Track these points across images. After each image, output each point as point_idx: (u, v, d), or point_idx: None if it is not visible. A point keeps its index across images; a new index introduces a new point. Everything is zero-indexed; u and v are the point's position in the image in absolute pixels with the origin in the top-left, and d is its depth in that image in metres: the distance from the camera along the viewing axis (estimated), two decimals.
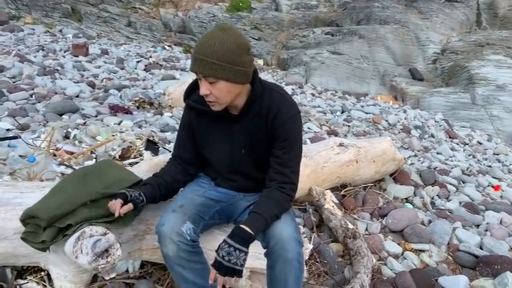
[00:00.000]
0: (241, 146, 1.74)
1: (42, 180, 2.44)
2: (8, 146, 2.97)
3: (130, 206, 1.63)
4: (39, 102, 4.87)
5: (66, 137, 3.63)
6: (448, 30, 11.41)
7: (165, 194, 1.82)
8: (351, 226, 2.58)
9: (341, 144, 3.34)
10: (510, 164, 5.69)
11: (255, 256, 1.81)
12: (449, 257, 2.86)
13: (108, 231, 1.56)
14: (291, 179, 1.68)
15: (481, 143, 6.42)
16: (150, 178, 1.84)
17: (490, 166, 5.50)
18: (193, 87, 1.76)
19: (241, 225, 1.53)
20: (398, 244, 2.88)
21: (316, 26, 13.56)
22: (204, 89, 1.56)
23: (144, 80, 7.22)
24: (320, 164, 3.06)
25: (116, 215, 1.57)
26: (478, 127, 7.91)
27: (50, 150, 3.11)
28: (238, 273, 1.48)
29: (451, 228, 3.08)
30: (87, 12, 14.10)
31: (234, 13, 14.72)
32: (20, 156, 2.83)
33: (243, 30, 13.81)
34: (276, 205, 1.63)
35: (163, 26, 14.69)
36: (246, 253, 1.49)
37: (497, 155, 5.96)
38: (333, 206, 2.80)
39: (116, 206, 1.59)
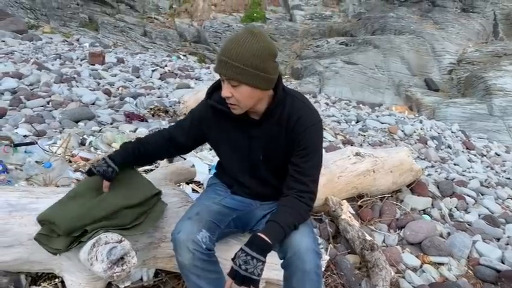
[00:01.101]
0: (259, 151, 1.71)
1: (57, 186, 2.44)
2: (25, 152, 2.99)
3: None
4: (55, 109, 4.92)
5: (82, 143, 3.65)
6: (464, 40, 11.30)
7: (139, 159, 1.84)
8: (368, 237, 2.53)
9: (357, 154, 3.29)
10: None
11: (271, 267, 1.76)
12: (470, 271, 2.78)
13: (123, 239, 1.53)
14: (310, 188, 1.64)
15: (499, 155, 6.29)
16: (129, 142, 1.87)
17: (509, 178, 5.38)
18: (216, 87, 1.75)
19: (259, 234, 1.50)
20: (417, 257, 2.81)
21: (330, 36, 13.55)
22: (226, 91, 1.54)
23: (159, 88, 7.27)
24: (336, 173, 3.01)
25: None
26: (495, 138, 7.77)
27: (66, 157, 3.12)
28: (254, 283, 1.43)
29: (471, 241, 3.00)
30: (104, 22, 14.31)
31: (249, 23, 14.80)
32: (36, 162, 2.84)
33: None
34: (294, 215, 1.59)
35: (179, 35, 14.83)
36: (264, 262, 1.45)
37: None
38: (349, 217, 2.75)
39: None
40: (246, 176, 1.79)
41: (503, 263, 2.86)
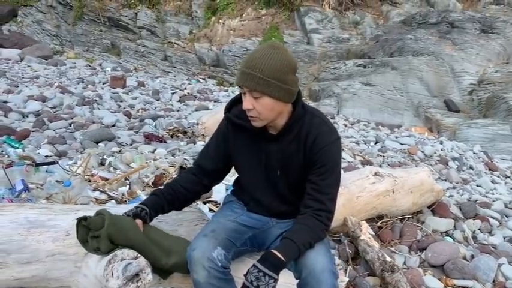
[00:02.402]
0: (276, 167, 1.71)
1: (76, 204, 2.47)
2: (46, 171, 3.05)
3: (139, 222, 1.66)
4: (77, 131, 5.03)
5: (102, 163, 3.70)
6: (484, 61, 11.18)
7: (172, 202, 1.77)
8: (388, 259, 2.47)
9: (377, 174, 3.25)
10: None
11: (287, 286, 1.73)
12: None
13: (139, 255, 1.53)
14: (327, 207, 1.62)
15: None
16: (157, 189, 1.84)
17: None
18: (236, 101, 1.76)
19: (273, 251, 1.48)
20: (439, 279, 2.73)
21: (348, 59, 13.57)
22: (247, 103, 1.55)
23: (178, 110, 7.37)
24: (355, 193, 2.97)
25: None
26: None
27: (85, 176, 3.17)
28: None
29: (496, 264, 2.90)
30: (126, 47, 14.67)
31: None
32: (57, 181, 2.89)
33: None
34: (310, 233, 1.57)
35: (198, 59, 15.08)
36: (276, 280, 1.43)
37: None
38: (369, 238, 2.69)
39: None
40: (263, 192, 1.78)
41: None
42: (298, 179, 1.69)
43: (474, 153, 6.72)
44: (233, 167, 1.88)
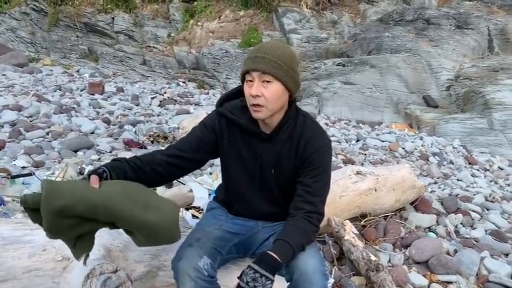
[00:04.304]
0: (270, 166, 1.68)
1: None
2: (22, 183, 2.97)
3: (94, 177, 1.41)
4: (55, 140, 4.92)
5: (81, 173, 3.63)
6: (460, 56, 11.36)
7: (136, 170, 1.57)
8: (373, 258, 2.47)
9: (358, 173, 3.26)
10: None
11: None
12: None
13: (119, 268, 1.49)
14: (318, 209, 1.63)
15: (502, 169, 6.23)
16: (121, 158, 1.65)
17: None
18: (229, 97, 1.74)
19: (269, 252, 1.45)
20: (424, 276, 2.75)
21: (327, 58, 13.64)
22: (256, 89, 1.52)
23: (158, 115, 7.28)
24: (338, 193, 2.97)
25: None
26: (497, 152, 7.71)
27: None
28: None
29: (479, 258, 2.93)
30: (103, 53, 14.48)
31: (246, 48, 14.95)
32: (34, 193, 2.81)
33: None
34: (303, 235, 1.56)
35: (178, 63, 14.97)
36: (272, 281, 1.40)
37: None
38: (353, 237, 2.69)
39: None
40: (253, 192, 1.75)
41: None
42: (289, 180, 1.68)
43: (454, 147, 6.81)
44: (211, 166, 1.84)
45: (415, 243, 2.95)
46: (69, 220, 1.33)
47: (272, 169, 1.70)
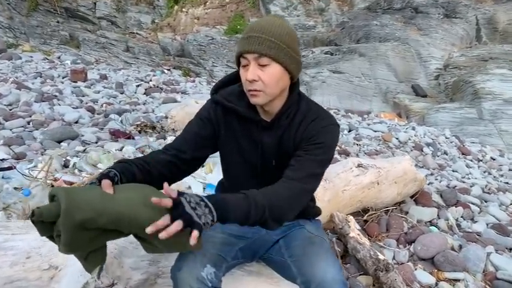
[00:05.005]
0: (272, 157, 1.51)
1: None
2: (2, 177, 2.75)
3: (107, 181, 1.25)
4: (36, 130, 4.67)
5: (65, 165, 3.41)
6: (448, 45, 11.31)
7: (143, 171, 1.43)
8: (381, 257, 2.33)
9: (360, 165, 3.12)
10: None
11: None
12: (487, 286, 2.61)
13: (116, 282, 1.32)
14: (304, 180, 1.37)
15: (494, 159, 6.19)
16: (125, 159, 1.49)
17: (507, 183, 5.26)
18: (225, 83, 1.56)
19: (222, 195, 1.26)
20: (431, 273, 2.64)
21: (315, 46, 13.47)
22: (252, 73, 1.34)
23: (144, 103, 7.04)
24: (340, 187, 2.83)
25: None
26: (487, 142, 7.69)
27: (48, 181, 2.88)
28: (196, 226, 1.13)
29: (485, 254, 2.83)
30: (85, 39, 14.04)
31: (233, 35, 14.69)
32: (15, 188, 2.60)
33: None
34: (270, 196, 1.30)
35: (162, 50, 14.65)
36: (213, 222, 1.17)
37: None
38: (358, 235, 2.56)
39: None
40: (256, 186, 1.57)
41: None
42: None
43: (446, 137, 6.75)
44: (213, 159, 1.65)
45: (420, 239, 2.83)
46: (89, 233, 1.18)
47: (273, 160, 1.52)
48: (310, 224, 1.66)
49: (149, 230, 1.11)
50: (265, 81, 1.35)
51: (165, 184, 1.19)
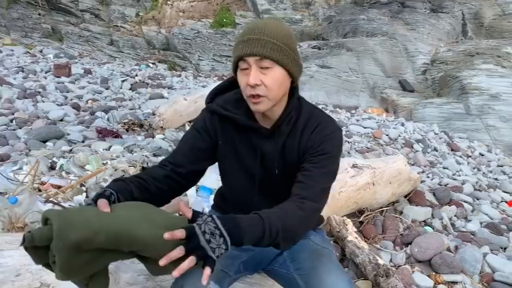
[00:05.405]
0: (274, 166, 1.44)
1: (26, 225, 2.10)
2: None
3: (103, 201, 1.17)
4: (20, 128, 4.52)
5: (52, 167, 3.29)
6: (435, 40, 11.37)
7: (141, 188, 1.35)
8: (381, 262, 2.29)
9: (355, 166, 3.08)
10: None
11: None
12: None
13: None
14: (315, 197, 1.32)
15: (483, 155, 6.23)
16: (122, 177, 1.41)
17: (496, 179, 5.30)
18: (220, 90, 1.48)
19: (237, 217, 1.15)
20: (429, 276, 2.61)
21: (302, 40, 13.43)
22: (254, 77, 1.26)
23: (130, 99, 6.88)
24: (337, 189, 2.78)
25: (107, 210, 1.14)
26: (475, 138, 7.76)
27: (34, 185, 2.76)
28: (210, 262, 1.07)
29: (481, 255, 2.82)
30: (68, 32, 13.76)
31: (219, 29, 14.54)
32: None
33: (229, 46, 13.61)
34: (284, 219, 1.22)
35: (147, 43, 14.44)
36: (227, 250, 1.11)
37: (501, 166, 5.77)
38: (356, 238, 2.51)
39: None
40: (258, 197, 1.49)
41: None
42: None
43: (435, 133, 6.77)
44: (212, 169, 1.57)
45: (417, 241, 2.80)
46: (87, 255, 1.07)
47: (276, 169, 1.45)
48: (315, 234, 1.59)
49: (162, 263, 1.03)
50: (268, 85, 1.28)
51: (181, 203, 1.12)
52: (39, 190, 2.73)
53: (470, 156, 5.96)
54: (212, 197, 2.47)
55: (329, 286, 1.30)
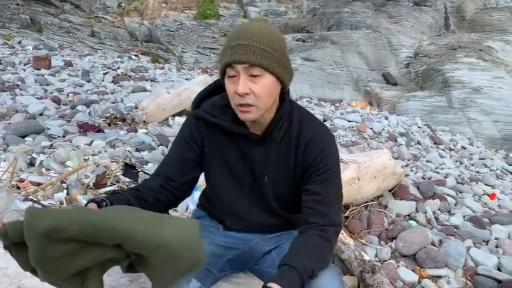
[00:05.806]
0: (264, 173, 1.41)
1: (3, 225, 2.02)
2: None
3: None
4: None
5: (31, 163, 3.20)
6: (418, 34, 11.43)
7: (138, 198, 1.34)
8: (367, 258, 2.29)
9: (340, 160, 3.06)
10: (497, 169, 5.58)
11: None
12: (469, 282, 2.63)
13: None
14: (334, 221, 1.34)
15: (465, 148, 6.31)
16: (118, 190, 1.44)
17: (478, 172, 5.37)
18: (206, 95, 1.43)
19: (271, 284, 1.16)
20: (413, 271, 2.63)
21: (287, 33, 13.37)
22: (243, 86, 1.21)
23: (112, 93, 6.77)
24: None
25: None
26: (457, 131, 7.85)
27: (13, 182, 2.69)
28: None
29: (465, 248, 2.85)
30: (48, 23, 13.44)
31: (202, 21, 14.38)
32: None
33: (212, 38, 13.48)
34: (314, 257, 1.26)
35: (129, 35, 14.21)
36: None
37: (483, 159, 5.85)
38: (342, 234, 2.50)
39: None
40: (245, 204, 1.47)
41: (500, 270, 2.72)
42: (288, 188, 1.41)
43: (418, 127, 6.83)
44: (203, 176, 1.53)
45: (402, 236, 2.82)
46: (62, 246, 1.00)
47: (265, 176, 1.42)
48: None
49: None
50: (257, 93, 1.22)
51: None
52: (18, 188, 2.65)
53: (452, 150, 6.03)
54: (197, 193, 2.43)
55: (319, 287, 1.27)
